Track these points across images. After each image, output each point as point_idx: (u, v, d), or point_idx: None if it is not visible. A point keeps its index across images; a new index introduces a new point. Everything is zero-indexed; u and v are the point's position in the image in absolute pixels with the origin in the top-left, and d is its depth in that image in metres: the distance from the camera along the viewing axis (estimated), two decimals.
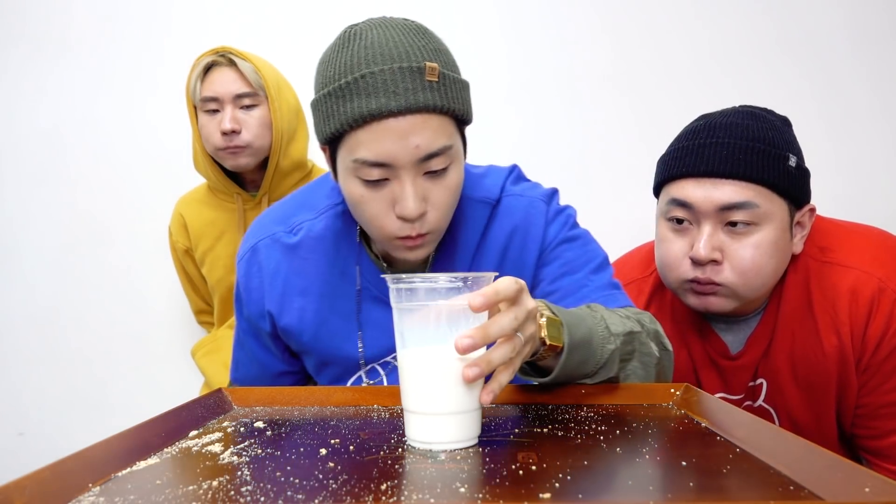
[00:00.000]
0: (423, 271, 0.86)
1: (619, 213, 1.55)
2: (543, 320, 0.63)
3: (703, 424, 0.62)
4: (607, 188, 1.59)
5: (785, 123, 0.94)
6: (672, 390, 0.73)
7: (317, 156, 1.52)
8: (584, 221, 0.93)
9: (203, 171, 1.38)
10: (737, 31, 1.57)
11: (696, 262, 0.88)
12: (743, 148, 0.86)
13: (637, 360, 0.77)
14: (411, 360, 0.56)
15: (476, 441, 0.57)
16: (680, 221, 0.91)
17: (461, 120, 0.75)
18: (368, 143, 0.69)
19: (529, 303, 0.57)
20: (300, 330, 0.88)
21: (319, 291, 0.87)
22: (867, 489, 0.41)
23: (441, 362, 0.54)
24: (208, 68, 1.30)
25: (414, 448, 0.56)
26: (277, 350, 0.93)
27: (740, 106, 0.96)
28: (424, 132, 0.69)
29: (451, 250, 0.87)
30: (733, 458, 0.51)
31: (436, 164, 0.72)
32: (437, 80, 0.70)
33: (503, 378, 0.56)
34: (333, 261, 0.87)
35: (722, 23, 1.57)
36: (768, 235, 0.87)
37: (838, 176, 1.54)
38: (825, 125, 1.55)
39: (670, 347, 0.81)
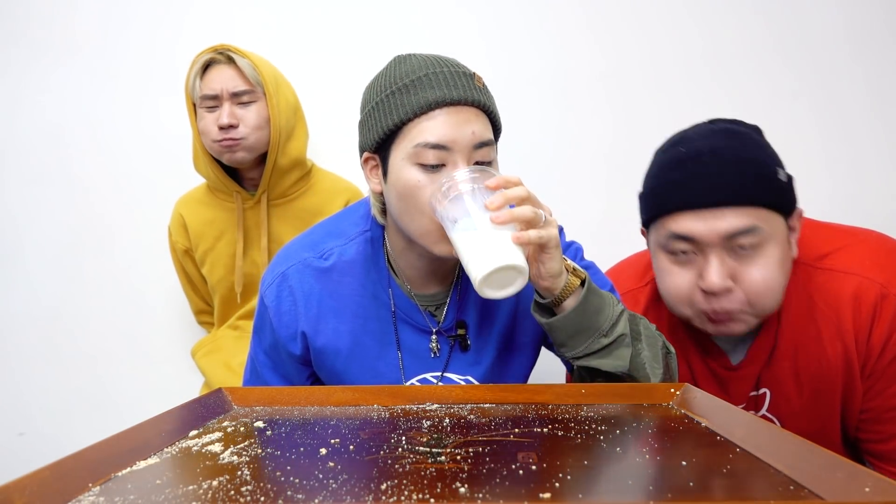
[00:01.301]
0: (445, 302, 0.91)
1: (612, 215, 1.55)
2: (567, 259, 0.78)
3: (703, 424, 0.62)
4: (605, 190, 1.58)
5: (759, 133, 0.93)
6: (672, 390, 0.73)
7: (316, 157, 1.53)
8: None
9: (203, 171, 1.38)
10: (730, 31, 1.56)
11: (709, 293, 0.87)
12: (735, 173, 0.85)
13: (644, 341, 0.81)
14: (461, 224, 0.72)
15: (523, 268, 0.69)
16: (683, 253, 0.89)
17: (495, 127, 0.84)
18: (431, 128, 0.77)
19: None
20: (336, 350, 0.89)
21: (353, 312, 0.90)
22: (867, 489, 0.41)
23: (481, 215, 0.71)
24: (207, 66, 1.30)
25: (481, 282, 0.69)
26: (299, 380, 0.94)
27: (710, 122, 0.94)
28: (478, 123, 0.79)
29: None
30: (733, 458, 0.51)
31: (484, 155, 0.80)
32: (482, 86, 0.82)
33: (531, 233, 0.71)
34: (364, 283, 0.90)
35: (715, 23, 1.56)
36: (774, 252, 0.86)
37: (835, 177, 1.54)
38: (820, 126, 1.55)
39: (672, 350, 0.85)
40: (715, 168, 0.85)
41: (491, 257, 0.68)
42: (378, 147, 0.82)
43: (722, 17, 1.57)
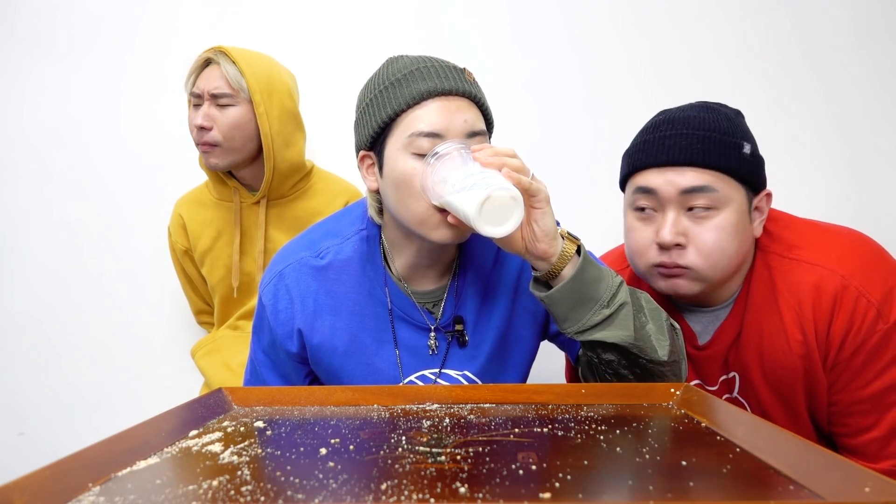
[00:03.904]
0: (443, 298, 0.92)
1: (610, 216, 1.54)
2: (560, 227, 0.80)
3: (703, 424, 0.62)
4: (604, 191, 1.58)
5: (738, 115, 0.99)
6: (672, 390, 0.73)
7: (316, 158, 1.53)
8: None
9: (205, 166, 1.38)
10: (730, 31, 1.56)
11: (662, 247, 0.92)
12: (700, 138, 0.92)
13: (647, 314, 0.81)
14: (451, 181, 0.73)
15: (515, 194, 0.69)
16: (644, 210, 0.95)
17: (488, 121, 0.86)
18: (424, 116, 0.79)
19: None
20: (332, 347, 0.90)
21: (349, 310, 0.90)
22: (867, 489, 0.41)
23: (471, 165, 0.74)
24: (205, 65, 1.31)
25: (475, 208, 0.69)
26: (297, 378, 0.95)
27: (697, 102, 1.01)
28: (470, 112, 0.81)
29: (469, 269, 0.93)
30: (733, 458, 0.51)
31: (477, 144, 0.80)
32: (472, 80, 0.84)
33: (522, 177, 0.72)
34: (361, 281, 0.91)
35: (742, 21, 1.56)
36: (728, 218, 0.91)
37: (846, 175, 1.54)
38: (834, 123, 1.54)
39: (678, 326, 0.87)
40: (683, 131, 0.93)
41: (483, 188, 0.69)
42: (373, 142, 0.83)
43: (723, 16, 1.57)
